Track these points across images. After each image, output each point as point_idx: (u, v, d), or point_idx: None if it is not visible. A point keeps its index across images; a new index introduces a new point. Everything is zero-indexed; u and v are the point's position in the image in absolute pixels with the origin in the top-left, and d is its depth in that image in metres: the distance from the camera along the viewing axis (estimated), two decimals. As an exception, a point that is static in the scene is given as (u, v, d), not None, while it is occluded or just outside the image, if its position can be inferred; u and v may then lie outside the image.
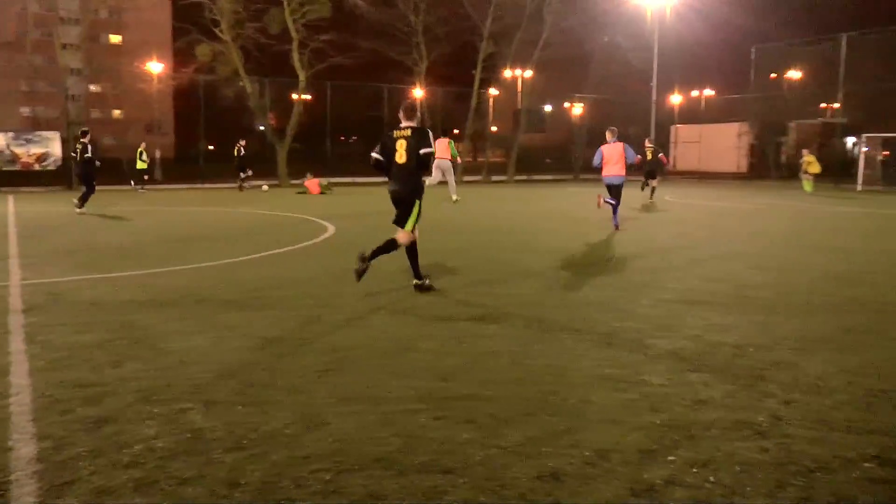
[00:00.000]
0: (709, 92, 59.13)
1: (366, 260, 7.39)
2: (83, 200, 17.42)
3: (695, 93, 59.51)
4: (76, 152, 18.27)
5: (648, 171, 21.34)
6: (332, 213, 17.22)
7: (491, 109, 40.56)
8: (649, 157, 21.20)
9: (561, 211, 18.71)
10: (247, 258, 10.18)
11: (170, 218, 16.83)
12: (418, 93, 36.48)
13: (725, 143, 43.22)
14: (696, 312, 6.79)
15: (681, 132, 48.00)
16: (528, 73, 39.34)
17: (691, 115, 52.01)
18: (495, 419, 4.06)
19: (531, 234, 13.50)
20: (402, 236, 7.53)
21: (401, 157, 7.42)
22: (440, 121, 36.84)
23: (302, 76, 32.19)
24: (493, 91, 40.46)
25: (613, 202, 13.60)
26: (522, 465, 3.48)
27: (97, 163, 17.79)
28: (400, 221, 7.55)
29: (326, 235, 12.97)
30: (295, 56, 31.68)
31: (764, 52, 39.99)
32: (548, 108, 46.68)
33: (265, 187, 28.40)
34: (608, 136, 13.69)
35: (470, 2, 33.60)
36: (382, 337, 5.86)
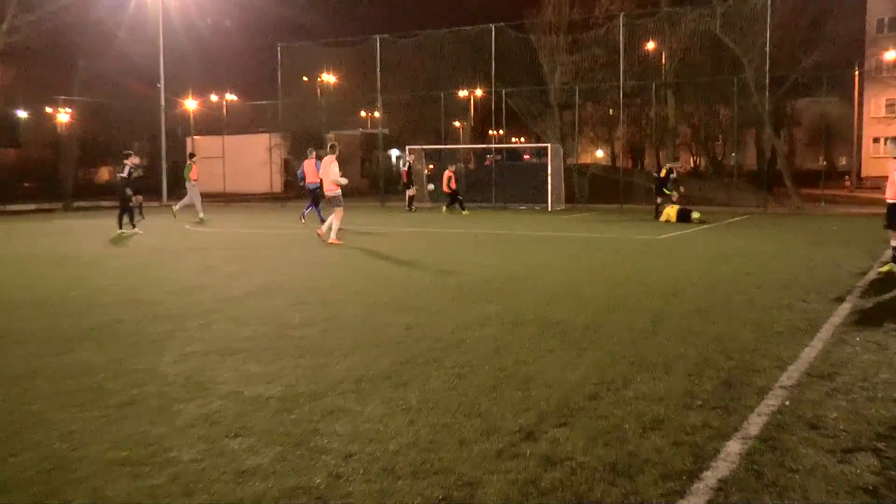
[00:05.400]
0: (231, 97, 61.16)
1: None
2: None
3: (215, 97, 61.09)
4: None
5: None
6: None
7: (-65, 115, 36.73)
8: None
9: (55, 251, 17.54)
10: None
11: None
12: None
13: (255, 158, 45.08)
14: (232, 364, 6.92)
15: (200, 145, 48.71)
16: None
17: (213, 124, 52.57)
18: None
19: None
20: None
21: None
22: None
23: None
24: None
25: None
26: None
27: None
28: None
29: None
30: None
31: (291, 52, 42.08)
32: (22, 113, 43.72)
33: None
34: None
35: None
36: None
